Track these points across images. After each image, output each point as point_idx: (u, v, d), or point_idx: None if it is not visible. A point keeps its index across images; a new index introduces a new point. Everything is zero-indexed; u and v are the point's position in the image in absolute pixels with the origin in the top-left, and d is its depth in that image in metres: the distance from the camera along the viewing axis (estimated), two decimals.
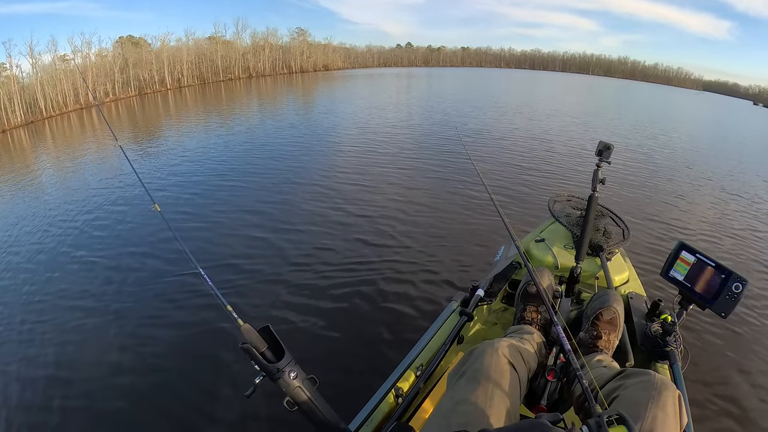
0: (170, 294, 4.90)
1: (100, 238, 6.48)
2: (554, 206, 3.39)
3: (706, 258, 2.00)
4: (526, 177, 9.60)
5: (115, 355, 4.00)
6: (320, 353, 3.87)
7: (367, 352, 3.88)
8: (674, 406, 1.33)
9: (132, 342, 4.17)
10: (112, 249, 6.12)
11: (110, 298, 4.90)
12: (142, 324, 4.42)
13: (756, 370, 3.90)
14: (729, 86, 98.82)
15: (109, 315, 4.58)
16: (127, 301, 4.83)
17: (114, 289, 5.09)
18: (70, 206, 8.01)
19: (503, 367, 1.48)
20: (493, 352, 1.51)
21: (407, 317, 4.40)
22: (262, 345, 1.33)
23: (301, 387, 1.35)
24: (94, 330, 4.37)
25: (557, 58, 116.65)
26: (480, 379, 1.42)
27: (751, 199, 9.52)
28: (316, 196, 8.11)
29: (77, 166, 11.79)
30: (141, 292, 4.97)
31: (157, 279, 5.22)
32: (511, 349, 1.58)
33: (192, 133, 15.85)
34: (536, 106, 27.11)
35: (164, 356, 3.95)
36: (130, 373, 3.77)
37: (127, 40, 42.80)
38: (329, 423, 1.41)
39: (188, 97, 32.22)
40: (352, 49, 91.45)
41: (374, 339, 4.08)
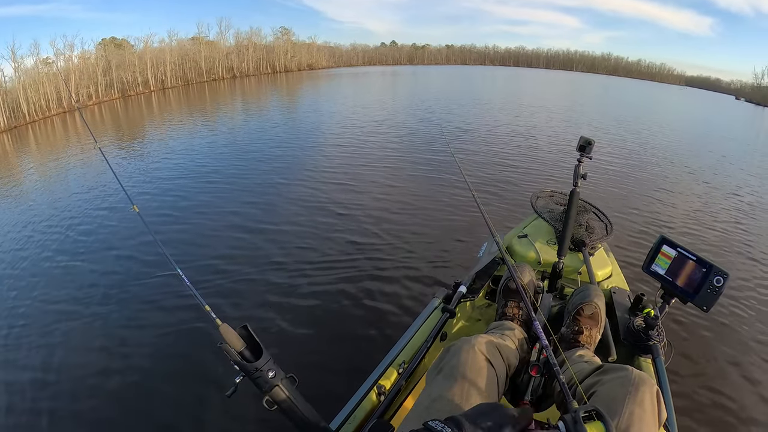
0: (150, 295, 4.87)
1: (81, 242, 6.41)
2: (537, 202, 3.41)
3: (687, 252, 1.99)
4: (511, 173, 9.64)
5: (97, 357, 3.96)
6: (301, 352, 3.87)
7: (348, 350, 3.87)
8: (652, 401, 1.32)
9: (113, 344, 4.13)
10: (93, 252, 6.07)
11: (91, 301, 4.86)
12: (123, 326, 4.40)
13: (740, 362, 3.92)
14: (711, 81, 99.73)
15: (89, 318, 4.54)
16: (107, 303, 4.79)
17: (94, 292, 5.04)
18: (53, 211, 7.91)
19: (480, 363, 1.47)
20: (470, 349, 1.50)
21: (389, 314, 4.40)
22: (240, 344, 1.31)
23: (280, 386, 1.33)
24: (76, 333, 4.34)
25: (541, 56, 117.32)
26: (456, 375, 1.41)
27: (733, 192, 9.65)
28: (299, 195, 8.11)
29: (60, 170, 11.62)
30: (121, 295, 4.94)
31: (137, 281, 5.19)
32: (489, 345, 1.57)
33: (175, 134, 15.73)
34: (520, 102, 27.29)
35: (145, 358, 3.93)
36: (111, 375, 3.74)
37: (110, 41, 42.43)
38: (309, 422, 1.39)
39: (172, 99, 32.00)
40: (336, 47, 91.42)
41: (356, 336, 4.07)
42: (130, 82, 38.16)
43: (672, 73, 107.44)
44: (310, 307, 4.55)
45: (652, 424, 1.28)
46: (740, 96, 71.93)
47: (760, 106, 55.06)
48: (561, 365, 1.71)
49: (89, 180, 9.98)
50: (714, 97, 64.63)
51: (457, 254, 5.64)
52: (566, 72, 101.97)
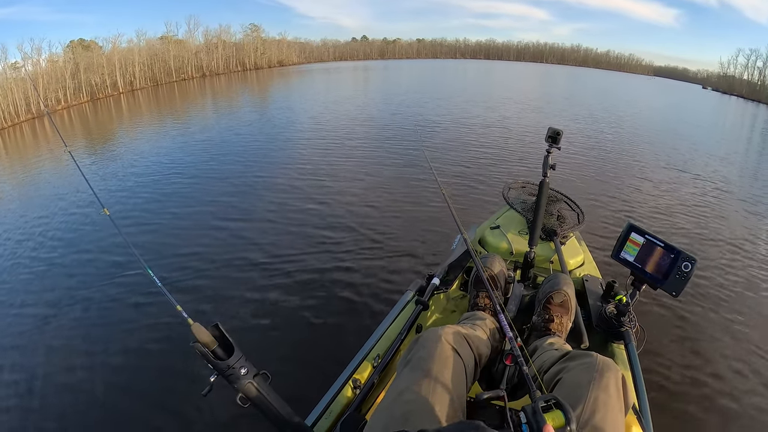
0: (122, 297, 4.85)
1: (52, 247, 6.32)
2: (509, 193, 3.45)
3: (655, 238, 2.02)
4: (483, 165, 9.75)
5: (68, 361, 3.92)
6: (274, 348, 3.89)
7: (322, 345, 3.89)
8: (617, 386, 1.34)
9: (84, 346, 4.12)
10: (64, 256, 6.00)
11: (62, 304, 4.83)
12: (94, 328, 4.37)
13: (711, 344, 4.04)
14: (679, 71, 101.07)
15: (61, 320, 4.55)
16: (78, 307, 4.78)
17: (65, 295, 5.00)
18: (22, 217, 7.79)
19: (447, 353, 1.47)
20: (437, 340, 1.50)
21: (363, 308, 4.43)
22: (212, 343, 1.31)
23: (253, 383, 1.33)
24: (47, 336, 4.33)
25: (512, 48, 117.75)
26: (423, 367, 1.41)
27: (700, 178, 9.88)
28: (270, 192, 8.11)
29: (30, 176, 11.40)
30: (92, 297, 4.90)
31: (108, 283, 5.15)
32: (456, 335, 1.57)
33: (145, 137, 15.51)
34: (492, 95, 27.47)
35: (118, 360, 3.90)
36: (85, 378, 3.70)
37: (78, 44, 41.52)
38: (284, 418, 1.40)
39: (141, 101, 31.45)
40: (307, 43, 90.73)
41: (329, 331, 4.10)
42: (98, 85, 37.37)
43: (640, 63, 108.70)
44: (283, 302, 4.56)
45: (617, 409, 1.30)
46: (707, 85, 73.28)
47: (726, 95, 56.30)
48: (533, 353, 1.79)
49: (60, 185, 9.81)
50: (682, 87, 65.59)
51: (430, 246, 5.68)
52: (537, 64, 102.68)
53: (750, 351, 4.02)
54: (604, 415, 1.24)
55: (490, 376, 1.80)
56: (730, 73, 65.50)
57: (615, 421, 1.26)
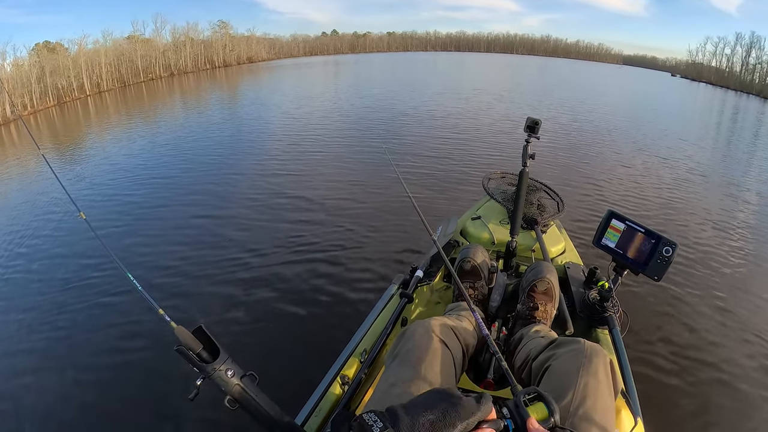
0: (102, 302, 4.72)
1: (28, 254, 6.13)
2: (489, 184, 3.48)
3: (635, 224, 2.05)
4: (460, 157, 9.75)
5: (47, 370, 3.82)
6: (260, 348, 3.85)
7: (308, 342, 3.87)
8: (606, 371, 1.35)
9: (64, 354, 4.00)
10: (41, 263, 5.82)
11: (39, 311, 4.68)
12: (76, 335, 4.24)
13: (694, 326, 4.13)
14: (648, 60, 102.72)
15: (38, 328, 4.39)
16: (56, 312, 4.62)
17: (43, 302, 4.85)
18: None
19: (434, 345, 1.47)
20: (424, 332, 1.51)
21: (347, 303, 4.42)
22: (197, 346, 1.26)
23: (240, 384, 1.29)
24: (25, 345, 4.17)
25: (482, 40, 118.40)
26: (412, 359, 1.41)
27: (676, 163, 10.12)
28: (247, 189, 8.05)
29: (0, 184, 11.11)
30: (70, 303, 4.76)
31: (87, 288, 5.00)
32: (443, 327, 1.57)
33: (115, 138, 15.18)
34: (464, 86, 27.54)
35: (100, 367, 3.79)
36: (64, 387, 3.60)
37: (44, 46, 40.53)
38: (273, 418, 1.36)
39: (109, 102, 30.80)
40: (276, 39, 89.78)
41: (315, 328, 4.07)
42: (65, 88, 36.45)
43: (609, 52, 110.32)
44: (266, 302, 4.52)
45: (607, 394, 1.31)
46: (676, 72, 74.72)
47: (695, 82, 57.47)
48: (518, 342, 1.80)
49: (33, 190, 9.54)
50: (651, 75, 66.72)
51: (413, 238, 5.66)
52: (507, 55, 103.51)
53: (731, 328, 4.13)
54: (594, 400, 1.25)
55: (477, 365, 1.81)
56: (699, 61, 66.76)
57: (605, 406, 1.27)
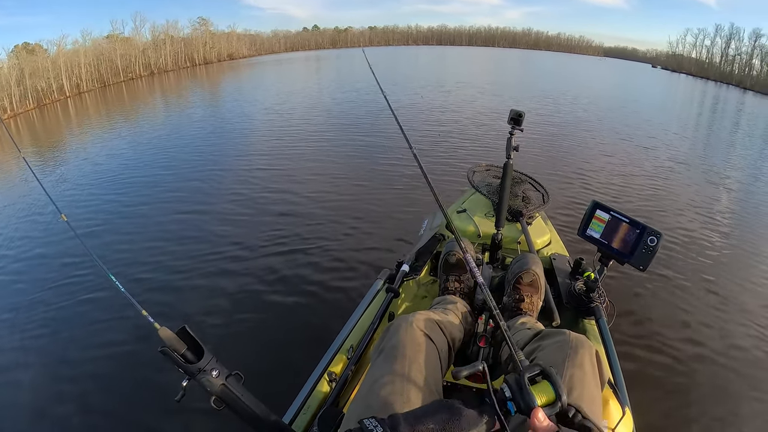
0: (83, 305, 4.65)
1: (7, 258, 6.04)
2: (474, 176, 3.47)
3: (619, 215, 2.05)
4: (444, 150, 9.73)
5: (32, 375, 3.76)
6: (245, 347, 3.83)
7: (294, 340, 3.83)
8: (592, 362, 1.34)
9: (45, 359, 3.96)
10: (21, 265, 5.76)
11: (19, 313, 4.63)
12: (58, 340, 4.19)
13: (679, 314, 4.18)
14: (629, 51, 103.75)
15: (19, 332, 4.33)
16: (37, 316, 4.56)
17: (23, 305, 4.77)
18: None
19: (419, 340, 1.46)
20: (408, 327, 1.50)
21: (333, 299, 4.39)
22: (181, 347, 1.26)
23: (226, 384, 1.30)
24: (7, 345, 4.15)
25: (464, 33, 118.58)
26: (396, 355, 1.40)
27: (660, 153, 10.21)
28: (229, 186, 8.02)
29: None
30: (54, 307, 4.67)
31: (68, 291, 4.93)
32: (428, 321, 1.56)
33: (96, 139, 14.97)
34: (448, 79, 27.57)
35: (83, 371, 3.73)
36: (52, 389, 3.56)
37: (23, 48, 39.92)
38: (260, 417, 1.36)
39: (89, 103, 30.41)
40: (257, 35, 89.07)
41: (300, 325, 4.05)
42: (44, 90, 35.92)
43: (591, 45, 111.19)
44: (250, 299, 4.50)
45: (593, 384, 1.30)
46: (656, 64, 75.38)
47: (676, 73, 58.09)
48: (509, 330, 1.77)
49: (14, 194, 9.39)
50: (632, 66, 67.39)
51: (398, 233, 5.66)
52: (489, 48, 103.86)
53: (719, 316, 4.18)
54: (581, 392, 1.24)
55: (465, 359, 1.80)
56: (679, 52, 67.42)
57: (592, 397, 1.27)
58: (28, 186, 9.41)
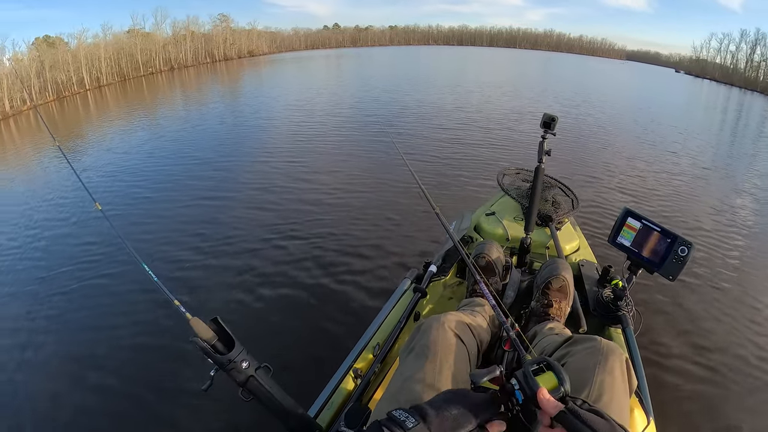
0: (117, 293, 4.79)
1: (42, 245, 6.19)
2: (503, 179, 3.48)
3: (651, 223, 2.03)
4: (472, 153, 9.72)
5: (65, 362, 3.85)
6: (274, 340, 3.87)
7: (322, 335, 3.88)
8: (622, 370, 1.35)
9: (81, 345, 4.05)
10: (56, 253, 5.89)
11: (55, 302, 4.73)
12: (90, 326, 4.30)
13: (707, 330, 4.05)
14: (651, 55, 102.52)
15: (56, 319, 4.45)
16: (73, 304, 4.69)
17: (59, 292, 4.90)
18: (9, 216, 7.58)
19: (450, 340, 1.48)
20: (440, 327, 1.51)
21: (361, 297, 4.44)
22: (212, 337, 1.29)
23: (255, 376, 1.32)
24: (39, 336, 4.20)
25: (485, 34, 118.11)
26: (427, 354, 1.42)
27: (694, 163, 10.01)
28: (259, 182, 8.04)
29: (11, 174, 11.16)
30: (87, 294, 4.85)
31: (102, 279, 5.09)
32: (459, 322, 1.58)
33: (119, 131, 15.11)
34: (470, 80, 27.47)
35: (116, 358, 3.82)
36: (82, 378, 3.62)
37: (43, 41, 40.44)
38: (287, 410, 1.40)
39: (109, 96, 30.80)
40: (277, 32, 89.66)
41: (329, 321, 4.08)
42: (64, 83, 36.42)
43: (613, 47, 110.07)
44: (281, 294, 4.55)
45: (622, 392, 1.31)
46: (680, 69, 74.33)
47: (699, 78, 57.33)
48: (532, 338, 1.83)
49: (42, 183, 9.55)
50: (655, 70, 66.71)
51: (426, 234, 5.66)
52: (510, 50, 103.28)
53: (747, 329, 4.08)
54: (610, 398, 1.25)
55: (488, 362, 1.77)
56: (703, 57, 66.62)
57: (620, 404, 1.27)
58: (58, 174, 9.67)
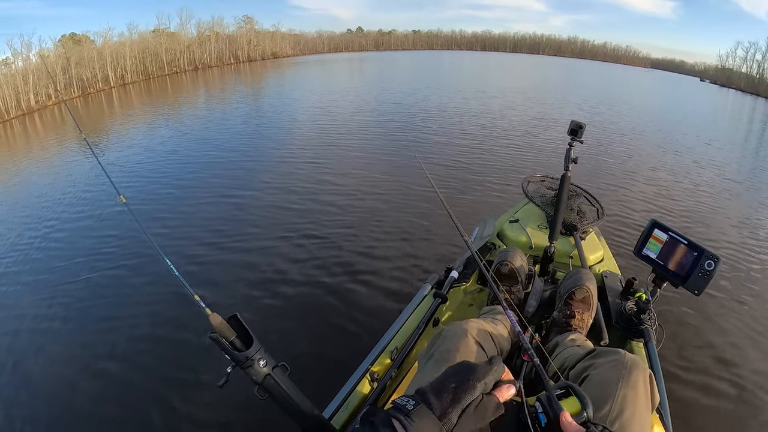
0: (138, 286, 4.88)
1: (66, 239, 6.29)
2: (528, 186, 3.43)
3: (678, 236, 2.00)
4: (504, 158, 9.68)
5: (83, 352, 3.92)
6: (292, 340, 3.88)
7: (340, 337, 3.89)
8: (645, 384, 1.34)
9: (99, 337, 4.10)
10: (78, 245, 6.00)
11: (77, 294, 4.82)
12: (110, 318, 4.35)
13: (729, 345, 3.95)
14: (676, 63, 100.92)
15: (76, 311, 4.52)
16: (93, 296, 4.78)
17: (80, 285, 5.01)
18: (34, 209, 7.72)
19: (471, 348, 1.49)
20: (462, 334, 1.51)
21: (380, 301, 4.44)
22: (230, 334, 1.31)
23: (272, 374, 1.33)
24: (59, 328, 4.28)
25: (508, 39, 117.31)
26: (448, 360, 1.41)
27: (719, 174, 9.80)
28: (281, 181, 8.12)
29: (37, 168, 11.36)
30: (108, 286, 4.96)
31: (124, 272, 5.20)
32: (480, 330, 1.59)
33: (144, 127, 15.50)
34: (494, 86, 27.36)
35: (133, 351, 3.87)
36: (99, 371, 3.68)
37: (69, 38, 41.14)
38: (302, 410, 1.40)
39: (133, 94, 31.22)
40: (301, 35, 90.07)
41: (347, 323, 4.09)
42: (89, 80, 36.98)
43: (637, 55, 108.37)
44: (301, 294, 4.58)
45: (645, 407, 1.30)
46: (705, 77, 73.13)
47: (725, 88, 56.43)
48: (553, 349, 1.81)
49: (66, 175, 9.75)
50: (680, 79, 65.94)
51: (448, 239, 5.63)
52: (534, 56, 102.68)
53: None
54: (632, 412, 1.24)
55: None
56: (729, 66, 65.61)
57: (642, 419, 1.26)
58: (80, 167, 9.93)
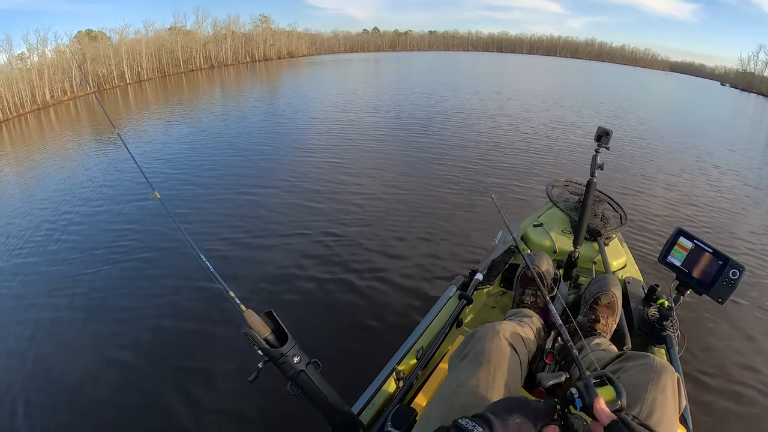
0: (173, 282, 4.92)
1: (101, 232, 6.35)
2: (552, 191, 3.42)
3: (703, 244, 1.99)
4: (523, 162, 9.59)
5: (118, 343, 3.98)
6: (322, 337, 3.92)
7: (368, 336, 3.93)
8: (673, 388, 1.34)
9: (135, 330, 4.15)
10: (112, 240, 6.05)
11: (111, 288, 4.89)
12: (145, 312, 4.41)
13: (752, 354, 3.89)
14: (695, 67, 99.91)
15: (111, 304, 4.59)
16: (128, 290, 4.84)
17: (115, 279, 5.10)
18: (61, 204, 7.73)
19: (504, 349, 1.50)
20: (495, 335, 1.53)
21: (407, 301, 4.45)
22: (265, 330, 1.34)
23: (305, 371, 1.37)
24: (95, 321, 4.36)
25: (525, 41, 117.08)
26: (482, 361, 1.43)
27: (740, 180, 9.62)
28: (306, 179, 8.17)
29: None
30: (143, 282, 5.00)
31: (159, 268, 5.24)
32: (513, 332, 1.60)
33: (161, 124, 15.52)
34: (514, 89, 27.14)
35: (167, 345, 3.95)
36: (132, 362, 3.74)
37: (86, 34, 41.57)
38: (333, 406, 1.43)
39: (149, 91, 31.41)
40: (317, 35, 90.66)
41: (375, 323, 4.12)
42: (105, 76, 37.31)
43: (656, 58, 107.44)
44: (326, 291, 4.63)
45: (672, 411, 1.31)
46: (725, 81, 72.26)
47: (745, 92, 55.61)
48: (579, 353, 1.62)
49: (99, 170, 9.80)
50: (700, 83, 65.44)
51: (473, 241, 5.69)
52: (551, 58, 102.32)
53: None
54: (661, 416, 1.26)
55: (529, 373, 1.74)
56: (750, 70, 64.76)
57: (670, 423, 1.28)
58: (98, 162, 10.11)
